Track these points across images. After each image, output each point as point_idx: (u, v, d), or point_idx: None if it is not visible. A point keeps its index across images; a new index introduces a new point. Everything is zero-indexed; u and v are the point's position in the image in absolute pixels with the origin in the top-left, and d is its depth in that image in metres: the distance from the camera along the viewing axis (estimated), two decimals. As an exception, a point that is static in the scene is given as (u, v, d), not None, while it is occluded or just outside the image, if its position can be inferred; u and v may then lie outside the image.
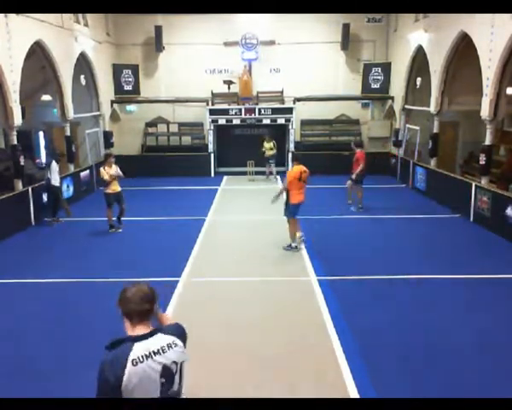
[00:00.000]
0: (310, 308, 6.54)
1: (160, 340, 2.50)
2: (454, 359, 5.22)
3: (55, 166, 11.08)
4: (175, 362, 2.51)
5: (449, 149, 15.84)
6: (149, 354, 2.42)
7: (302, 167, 8.84)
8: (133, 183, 14.46)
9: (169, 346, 2.50)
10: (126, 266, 8.12)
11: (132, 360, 2.37)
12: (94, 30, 15.73)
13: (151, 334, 2.49)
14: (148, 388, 2.41)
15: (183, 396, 2.75)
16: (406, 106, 16.32)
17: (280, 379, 4.86)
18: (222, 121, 17.74)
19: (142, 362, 2.38)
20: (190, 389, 4.70)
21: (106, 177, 10.04)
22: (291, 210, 8.89)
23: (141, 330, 2.49)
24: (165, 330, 2.59)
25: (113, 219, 10.38)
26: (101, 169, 10.20)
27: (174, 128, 18.67)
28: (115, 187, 10.18)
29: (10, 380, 4.94)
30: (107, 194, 10.16)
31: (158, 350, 2.45)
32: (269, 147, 16.59)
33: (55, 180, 11.04)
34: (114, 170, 10.22)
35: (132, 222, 11.03)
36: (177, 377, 2.55)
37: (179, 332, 2.65)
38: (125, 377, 2.33)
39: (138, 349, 2.40)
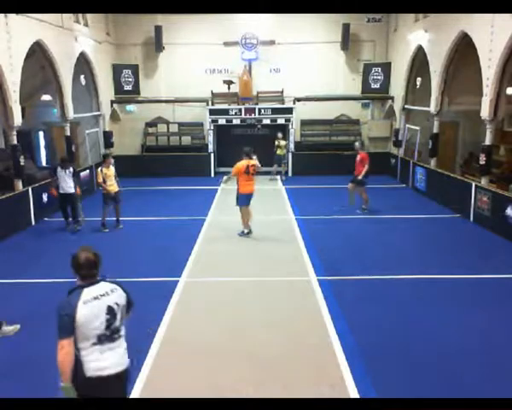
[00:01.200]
0: (310, 308, 6.53)
1: (105, 286, 3.35)
2: (454, 359, 5.22)
3: (60, 172, 10.37)
4: (117, 303, 3.35)
5: (449, 149, 15.84)
6: (96, 296, 3.26)
7: (250, 161, 9.82)
8: (133, 183, 14.47)
9: (112, 291, 3.36)
10: (126, 266, 8.11)
11: (83, 301, 3.20)
12: (94, 30, 15.73)
13: (97, 282, 3.33)
14: (96, 321, 3.21)
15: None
16: (406, 106, 16.32)
17: (280, 379, 4.86)
18: (222, 121, 17.73)
19: (90, 302, 3.21)
20: (191, 388, 4.72)
21: (99, 179, 10.26)
22: (241, 200, 9.85)
23: (88, 280, 3.31)
24: (109, 280, 3.44)
25: (107, 219, 10.48)
26: (98, 170, 10.39)
27: (174, 128, 18.67)
28: (113, 187, 10.32)
29: (11, 380, 4.94)
30: (104, 194, 10.39)
31: (103, 294, 3.30)
32: (283, 146, 16.59)
33: (62, 188, 10.31)
34: (113, 171, 10.34)
35: (132, 222, 11.04)
36: (118, 315, 3.35)
37: (121, 286, 3.50)
38: (77, 313, 3.15)
39: (87, 293, 3.24)
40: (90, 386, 3.24)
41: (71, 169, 10.48)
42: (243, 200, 9.83)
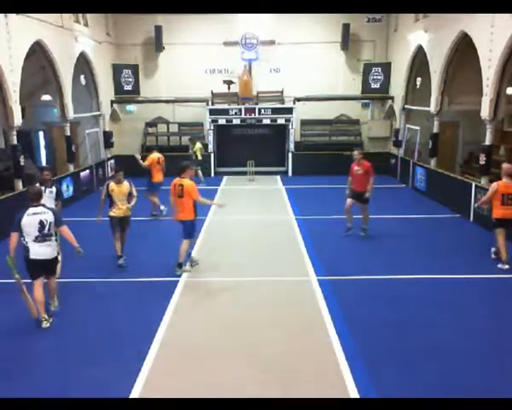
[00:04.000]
0: (310, 308, 6.53)
1: (41, 209, 6.03)
2: (454, 359, 5.22)
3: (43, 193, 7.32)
4: (46, 220, 5.97)
5: (449, 149, 15.84)
6: (34, 213, 5.95)
7: (159, 155, 11.79)
8: (133, 183, 14.43)
9: (44, 212, 6.01)
10: (127, 266, 8.11)
11: (27, 214, 5.91)
12: (94, 30, 15.73)
13: (38, 206, 6.03)
14: (33, 226, 5.89)
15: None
16: (406, 106, 16.32)
17: (280, 379, 4.86)
18: (222, 121, 17.74)
19: (30, 215, 5.92)
20: (191, 388, 4.72)
21: (102, 196, 8.21)
22: (154, 187, 11.48)
23: (34, 203, 6.03)
24: (45, 206, 6.19)
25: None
26: (104, 186, 8.24)
27: (174, 128, 18.67)
28: (120, 211, 8.13)
29: (10, 380, 4.94)
30: (109, 217, 8.14)
31: (38, 212, 5.97)
32: (197, 149, 15.67)
33: None
34: (127, 189, 8.21)
35: (132, 222, 11.00)
36: (46, 226, 5.97)
37: (53, 211, 6.21)
38: (22, 220, 5.86)
39: (30, 210, 5.94)
40: (33, 264, 5.99)
41: (53, 189, 7.90)
42: (156, 187, 11.47)
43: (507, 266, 7.80)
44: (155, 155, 11.69)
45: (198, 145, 15.87)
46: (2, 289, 7.43)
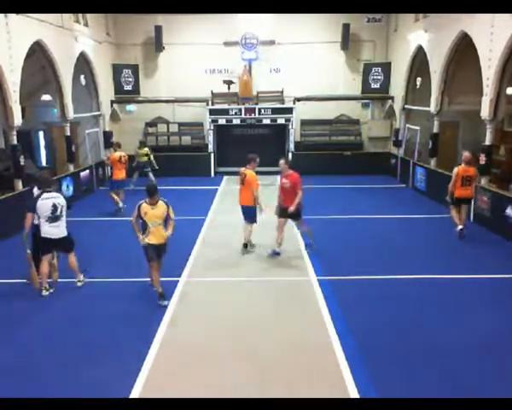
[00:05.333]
0: (310, 308, 6.54)
1: (54, 194, 7.00)
2: (454, 359, 5.22)
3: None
4: (59, 203, 6.93)
5: (449, 149, 15.82)
6: (48, 197, 6.88)
7: (122, 153, 12.26)
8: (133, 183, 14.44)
9: (56, 197, 6.99)
10: (126, 266, 8.12)
11: (41, 198, 6.86)
12: (94, 30, 15.73)
13: (50, 191, 6.97)
14: (45, 209, 6.80)
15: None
16: (406, 106, 16.32)
17: (280, 379, 4.86)
18: (222, 121, 17.73)
19: (45, 199, 6.86)
20: (191, 388, 4.72)
21: (132, 219, 6.84)
22: (112, 184, 12.13)
23: (46, 190, 6.98)
24: (56, 190, 7.18)
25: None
26: (136, 207, 6.78)
27: (174, 128, 18.66)
28: (155, 237, 6.73)
29: (11, 380, 4.94)
30: (144, 245, 6.81)
31: (52, 197, 6.92)
32: (141, 153, 15.19)
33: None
34: (163, 211, 6.70)
35: (128, 222, 11.00)
36: (59, 209, 6.91)
37: (64, 196, 7.27)
38: (38, 203, 6.82)
39: (44, 195, 6.90)
40: (44, 242, 6.89)
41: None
42: (114, 184, 11.99)
43: (461, 226, 9.54)
44: (117, 154, 12.22)
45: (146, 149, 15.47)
46: (3, 289, 7.44)
